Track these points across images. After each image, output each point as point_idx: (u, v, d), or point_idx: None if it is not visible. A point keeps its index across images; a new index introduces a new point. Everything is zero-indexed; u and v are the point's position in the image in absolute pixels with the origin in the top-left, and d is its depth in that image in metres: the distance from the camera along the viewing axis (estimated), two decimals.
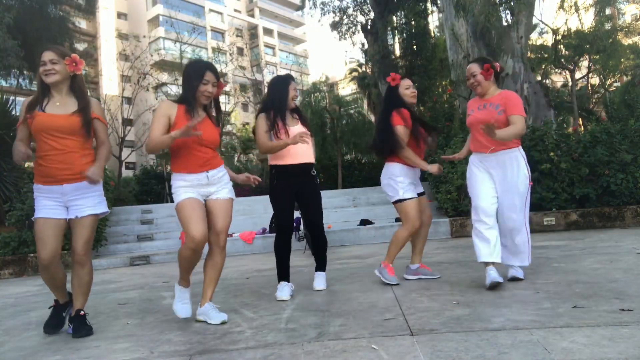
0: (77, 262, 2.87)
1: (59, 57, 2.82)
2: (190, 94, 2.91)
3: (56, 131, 2.77)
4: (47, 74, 2.80)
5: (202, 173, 2.92)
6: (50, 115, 2.79)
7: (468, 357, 1.95)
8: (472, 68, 3.40)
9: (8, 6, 11.67)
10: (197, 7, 41.42)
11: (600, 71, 18.09)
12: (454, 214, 7.54)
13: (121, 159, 16.41)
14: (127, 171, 22.92)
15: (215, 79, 2.95)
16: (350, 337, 2.35)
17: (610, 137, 7.20)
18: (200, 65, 2.99)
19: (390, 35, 17.81)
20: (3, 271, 6.79)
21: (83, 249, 2.87)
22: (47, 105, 2.83)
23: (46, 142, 2.77)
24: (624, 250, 4.50)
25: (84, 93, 2.92)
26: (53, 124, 2.77)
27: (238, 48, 26.30)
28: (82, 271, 2.89)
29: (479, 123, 3.22)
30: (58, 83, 2.84)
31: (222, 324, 2.84)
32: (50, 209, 2.81)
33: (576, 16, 14.86)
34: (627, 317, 2.30)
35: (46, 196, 2.82)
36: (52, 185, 2.81)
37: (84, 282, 2.91)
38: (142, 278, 5.55)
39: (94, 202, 2.90)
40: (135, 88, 17.21)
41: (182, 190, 2.90)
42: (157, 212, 9.82)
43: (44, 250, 2.79)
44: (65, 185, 2.80)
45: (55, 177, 2.79)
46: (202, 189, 2.94)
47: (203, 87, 2.91)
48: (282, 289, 3.49)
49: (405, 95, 3.66)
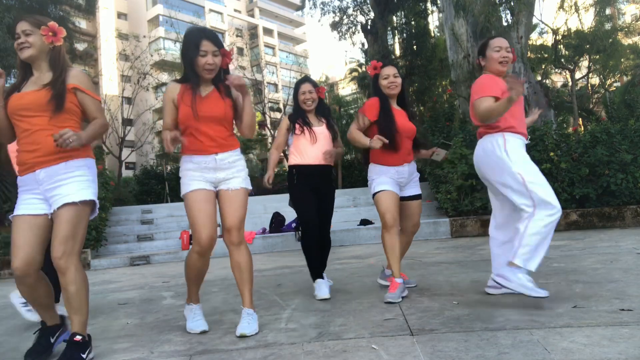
0: (56, 267, 2.24)
1: (33, 27, 2.34)
2: (190, 69, 2.60)
3: (23, 109, 2.29)
4: (22, 48, 2.33)
5: (210, 155, 2.60)
6: (19, 95, 2.33)
7: (468, 357, 1.95)
8: (507, 43, 3.03)
9: (8, 6, 11.69)
10: (197, 7, 41.41)
11: (600, 71, 18.10)
12: (454, 214, 7.54)
13: (121, 159, 16.42)
14: (127, 171, 22.94)
15: (214, 48, 2.57)
16: (350, 337, 2.35)
17: (610, 137, 7.20)
18: (195, 34, 2.61)
19: (390, 35, 17.83)
20: (3, 271, 6.79)
21: (59, 250, 2.21)
22: (24, 86, 2.38)
23: (17, 126, 2.32)
24: (624, 250, 4.50)
25: (58, 64, 2.38)
26: (21, 102, 2.30)
27: (238, 48, 26.33)
28: (63, 279, 2.24)
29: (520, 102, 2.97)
30: (35, 58, 2.36)
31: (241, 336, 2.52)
32: (28, 203, 2.30)
33: (576, 16, 14.85)
34: (627, 317, 2.30)
35: (24, 189, 2.34)
36: (26, 174, 2.32)
37: (71, 294, 2.24)
38: (142, 278, 5.55)
39: (75, 189, 2.28)
40: (135, 88, 17.23)
41: (189, 176, 2.62)
42: (157, 212, 9.83)
43: (17, 256, 2.24)
44: (37, 171, 2.28)
45: (27, 163, 2.30)
46: (210, 174, 2.62)
47: (202, 60, 2.56)
48: (320, 288, 3.40)
49: (382, 86, 3.30)
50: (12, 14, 10.82)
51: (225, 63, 2.66)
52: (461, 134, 8.01)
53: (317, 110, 3.64)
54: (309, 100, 3.56)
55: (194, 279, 2.73)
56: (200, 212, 2.56)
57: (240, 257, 2.65)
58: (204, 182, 2.62)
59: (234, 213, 2.63)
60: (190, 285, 2.76)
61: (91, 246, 7.39)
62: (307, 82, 3.63)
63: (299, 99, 3.60)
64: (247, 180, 2.73)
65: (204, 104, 2.60)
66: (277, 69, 45.67)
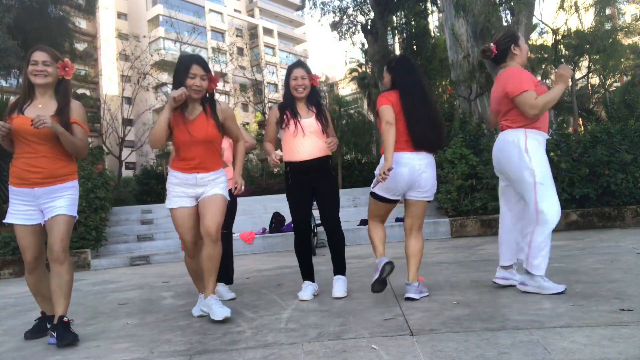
0: (55, 259, 2.71)
1: (52, 60, 2.77)
2: (178, 87, 2.89)
3: (30, 135, 2.69)
4: (38, 75, 2.73)
5: (191, 174, 2.95)
6: (24, 118, 2.70)
7: (468, 357, 1.95)
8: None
9: (8, 6, 11.68)
10: (197, 7, 41.39)
11: (600, 71, 18.10)
12: (454, 214, 7.54)
13: (121, 159, 16.41)
14: (127, 171, 22.93)
15: (203, 72, 2.90)
16: (350, 337, 2.35)
17: (610, 137, 7.20)
18: (187, 59, 2.95)
19: (390, 35, 17.84)
20: (3, 271, 6.79)
21: (60, 246, 2.71)
22: (27, 107, 2.76)
23: (20, 146, 2.73)
24: (624, 250, 4.50)
25: (66, 97, 2.83)
26: (25, 127, 2.67)
27: (238, 48, 26.31)
28: (61, 269, 2.72)
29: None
30: (47, 87, 2.79)
31: (225, 320, 2.81)
32: (26, 214, 2.77)
33: (576, 16, 14.84)
34: (627, 317, 2.30)
35: (20, 199, 2.77)
36: (24, 188, 2.75)
37: (65, 281, 2.73)
38: (142, 278, 5.55)
39: (67, 203, 2.78)
40: (135, 88, 17.21)
41: (172, 191, 2.99)
42: (157, 212, 9.81)
43: (27, 254, 2.81)
44: (36, 189, 2.74)
45: (28, 181, 2.73)
46: (191, 189, 2.97)
47: (190, 81, 2.88)
48: (305, 289, 3.41)
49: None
50: (12, 14, 10.81)
51: (211, 88, 2.98)
52: (461, 134, 8.01)
53: (308, 99, 3.43)
54: (300, 87, 3.37)
55: (194, 276, 3.19)
56: (183, 226, 2.99)
57: (214, 250, 2.92)
58: (185, 198, 2.98)
59: (211, 215, 2.91)
60: (193, 280, 3.23)
61: (91, 246, 7.39)
62: (300, 67, 3.42)
63: (290, 84, 3.40)
64: (225, 191, 3.03)
65: (191, 127, 2.91)
66: (277, 69, 45.68)
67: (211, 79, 2.95)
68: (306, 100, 3.43)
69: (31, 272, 2.86)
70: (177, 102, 2.86)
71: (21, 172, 2.74)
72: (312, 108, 3.42)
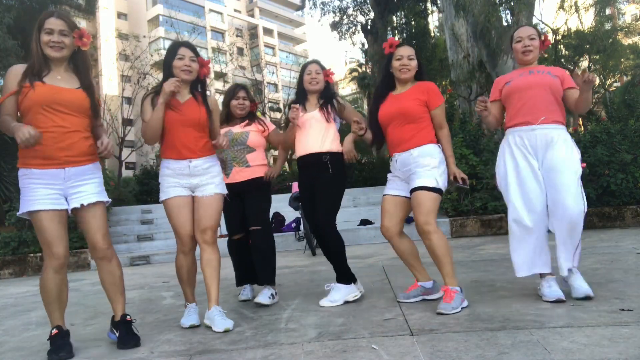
0: (103, 257, 2.52)
1: (69, 29, 2.47)
2: (169, 74, 2.84)
3: (62, 105, 2.40)
4: (54, 47, 2.42)
5: (184, 161, 2.80)
6: (55, 87, 2.41)
7: (468, 357, 1.95)
8: (531, 30, 2.98)
9: (8, 6, 11.67)
10: (197, 7, 41.44)
11: (600, 71, 18.09)
12: (454, 214, 7.54)
13: (121, 159, 16.41)
14: (127, 171, 22.92)
15: (191, 54, 2.84)
16: (350, 337, 2.35)
17: (610, 137, 7.19)
18: (174, 44, 2.93)
19: (390, 35, 17.82)
20: (3, 271, 6.79)
21: (105, 241, 2.51)
22: (46, 77, 2.45)
23: (48, 117, 2.38)
24: (624, 250, 4.50)
25: (88, 71, 2.58)
26: (60, 96, 2.40)
27: (238, 48, 26.28)
28: (111, 266, 2.55)
29: (530, 87, 2.84)
30: (63, 59, 2.50)
31: (225, 331, 2.66)
32: (52, 198, 2.39)
33: (576, 16, 14.84)
34: (627, 317, 2.30)
35: (42, 183, 2.39)
36: (52, 169, 2.40)
37: (118, 277, 2.57)
38: (142, 278, 5.55)
39: (99, 189, 2.53)
40: (135, 88, 17.20)
41: (166, 182, 2.84)
42: (157, 212, 9.80)
43: (59, 245, 2.39)
44: (67, 169, 2.42)
45: (58, 159, 2.40)
46: (185, 179, 2.82)
47: (179, 62, 2.81)
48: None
49: (393, 68, 3.05)
50: (12, 14, 10.81)
51: (203, 73, 2.91)
52: (461, 134, 8.00)
53: (320, 94, 3.37)
54: (314, 81, 3.32)
55: (185, 279, 2.92)
56: (179, 216, 2.82)
57: (212, 255, 2.86)
58: (180, 188, 2.84)
59: (208, 217, 2.84)
60: (183, 286, 2.95)
61: None
62: (315, 63, 3.43)
63: (304, 79, 3.38)
64: (221, 186, 2.92)
65: (183, 109, 2.81)
66: (277, 69, 45.67)
67: (202, 62, 2.90)
68: (318, 96, 3.37)
69: (58, 271, 2.42)
70: (169, 95, 2.74)
71: (49, 150, 2.37)
72: (321, 101, 3.35)
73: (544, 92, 2.83)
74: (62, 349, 2.41)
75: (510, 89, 2.93)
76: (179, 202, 2.82)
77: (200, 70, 2.89)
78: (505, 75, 3.12)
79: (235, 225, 3.52)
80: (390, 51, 3.06)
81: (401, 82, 3.05)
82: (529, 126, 2.82)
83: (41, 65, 2.45)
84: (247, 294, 3.63)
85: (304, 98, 3.39)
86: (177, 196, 2.82)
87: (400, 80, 3.05)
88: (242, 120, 3.60)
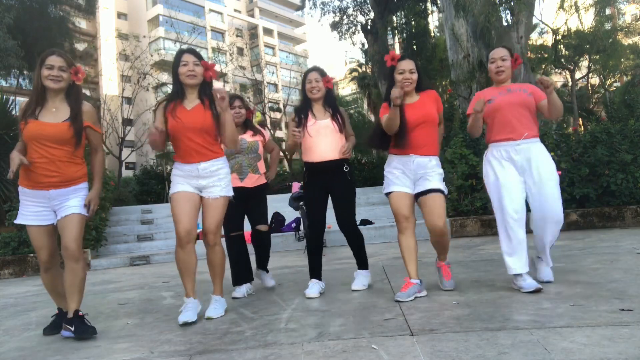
0: (70, 257, 2.79)
1: (67, 66, 2.85)
2: (176, 82, 3.03)
3: (45, 140, 2.76)
4: (54, 80, 2.80)
5: (193, 164, 2.97)
6: (41, 123, 2.78)
7: (468, 357, 1.95)
8: (503, 52, 3.24)
9: (8, 6, 11.68)
10: (197, 7, 41.44)
11: (600, 71, 18.11)
12: (454, 214, 7.54)
13: (121, 159, 16.41)
14: (127, 171, 22.92)
15: (194, 59, 2.99)
16: (350, 337, 2.35)
17: (610, 137, 7.19)
18: (179, 52, 3.07)
19: (390, 35, 17.83)
20: (3, 271, 6.79)
21: (75, 243, 2.79)
22: (40, 112, 2.82)
23: (35, 150, 2.77)
24: (624, 250, 4.50)
25: (79, 101, 2.91)
26: (42, 132, 2.76)
27: (238, 48, 26.30)
28: (76, 266, 2.80)
29: (511, 106, 3.13)
30: (60, 91, 2.86)
31: (208, 319, 2.93)
32: (39, 215, 2.84)
33: (576, 16, 14.85)
34: (627, 317, 2.30)
35: (32, 201, 2.84)
36: (38, 190, 2.82)
37: (80, 278, 2.81)
38: (142, 278, 5.55)
39: (80, 203, 2.87)
40: (135, 88, 17.21)
41: (176, 180, 3.02)
42: (157, 212, 9.82)
43: (44, 252, 2.88)
44: (51, 191, 2.82)
45: (42, 183, 2.80)
46: (194, 180, 3.00)
47: (183, 69, 2.97)
48: (312, 287, 3.47)
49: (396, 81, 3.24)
50: (12, 14, 10.81)
51: (208, 76, 3.03)
52: (461, 134, 8.00)
53: (324, 101, 3.57)
54: (315, 89, 3.51)
55: (184, 271, 3.01)
56: (180, 209, 2.95)
57: (214, 256, 3.09)
58: (188, 186, 3.00)
59: (211, 220, 3.01)
60: (182, 278, 3.05)
61: (91, 246, 7.39)
62: (314, 71, 3.59)
63: (305, 88, 3.56)
64: (227, 188, 3.07)
65: (188, 116, 2.97)
66: (277, 69, 45.68)
67: (206, 65, 3.02)
68: (322, 102, 3.59)
69: (47, 270, 2.93)
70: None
71: (37, 177, 2.79)
72: (329, 109, 3.56)
73: (523, 110, 3.16)
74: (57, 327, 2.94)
75: (494, 106, 3.20)
76: (183, 196, 2.98)
77: (205, 73, 3.02)
78: (484, 91, 3.38)
79: (235, 225, 3.78)
80: (392, 64, 3.28)
81: (406, 93, 3.28)
82: (514, 142, 3.14)
83: (38, 99, 2.83)
84: (242, 291, 3.77)
85: (310, 105, 3.58)
86: (184, 191, 2.99)
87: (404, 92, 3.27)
88: (242, 129, 3.85)
